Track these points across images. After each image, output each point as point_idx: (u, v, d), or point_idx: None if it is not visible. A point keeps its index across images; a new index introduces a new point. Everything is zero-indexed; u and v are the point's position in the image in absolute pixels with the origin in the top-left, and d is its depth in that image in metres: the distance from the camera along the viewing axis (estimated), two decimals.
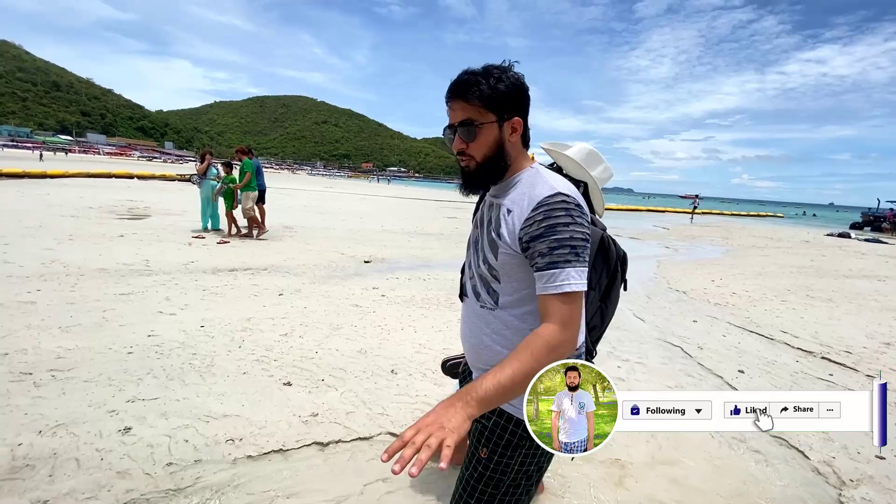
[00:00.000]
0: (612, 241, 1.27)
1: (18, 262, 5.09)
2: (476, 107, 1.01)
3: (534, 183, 1.01)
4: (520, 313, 1.06)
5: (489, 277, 1.08)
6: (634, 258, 9.68)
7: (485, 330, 1.11)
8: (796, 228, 25.33)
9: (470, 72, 1.03)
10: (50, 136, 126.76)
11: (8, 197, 10.91)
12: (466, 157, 1.05)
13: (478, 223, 1.16)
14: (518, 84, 1.04)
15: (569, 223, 0.93)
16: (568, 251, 0.92)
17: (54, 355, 2.93)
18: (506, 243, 1.01)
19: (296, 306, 4.42)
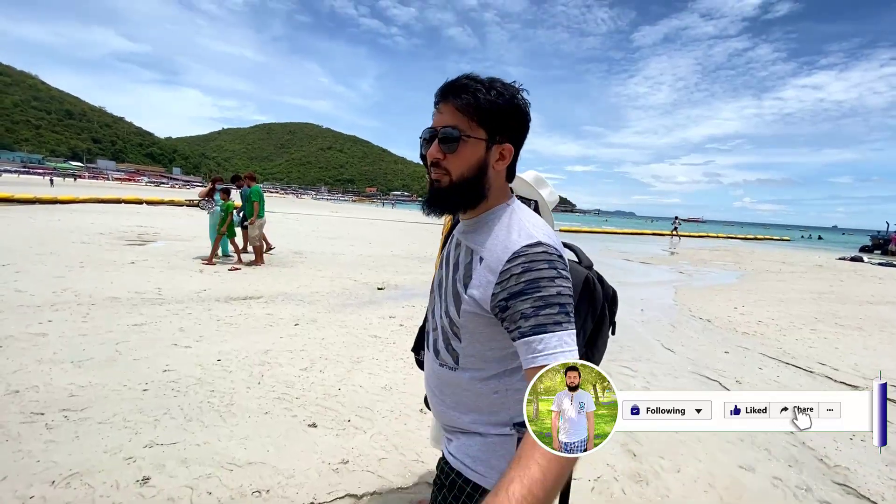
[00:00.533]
0: (599, 280, 1.12)
1: (30, 291, 4.98)
2: (467, 116, 0.85)
3: (510, 226, 0.86)
4: (482, 377, 0.91)
5: (450, 333, 0.93)
6: (649, 284, 9.53)
7: (445, 391, 0.97)
8: (806, 252, 25.08)
9: (471, 76, 0.87)
10: (61, 163, 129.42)
11: (20, 222, 10.93)
12: (440, 171, 0.88)
13: (443, 262, 0.99)
14: (520, 107, 0.89)
15: (554, 277, 0.78)
16: (557, 311, 0.76)
17: (67, 393, 2.78)
18: (472, 299, 0.85)
19: (313, 337, 4.26)
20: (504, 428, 0.91)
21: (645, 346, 4.91)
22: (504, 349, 0.88)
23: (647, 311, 6.60)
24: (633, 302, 7.29)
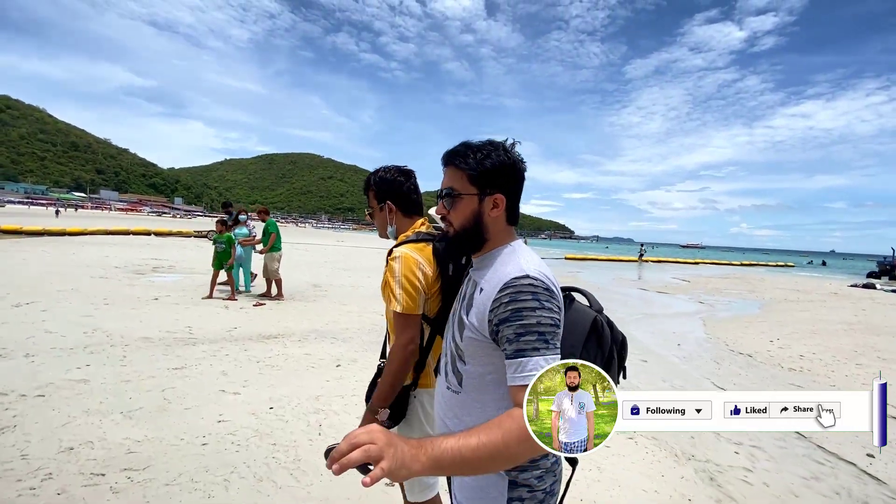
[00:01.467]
0: (608, 323, 1.13)
1: (60, 332, 4.84)
2: (460, 177, 1.02)
3: (506, 261, 0.98)
4: (482, 400, 1.00)
5: (456, 356, 1.04)
6: (675, 316, 9.38)
7: (448, 413, 1.06)
8: (814, 279, 24.98)
9: (465, 143, 1.05)
10: (64, 193, 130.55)
11: (36, 256, 10.84)
12: (447, 223, 1.06)
13: (458, 295, 1.13)
14: (506, 163, 1.02)
15: (535, 308, 0.88)
16: (535, 338, 0.86)
17: (124, 449, 2.62)
18: (472, 325, 0.97)
19: (360, 380, 4.10)
20: None
21: (695, 385, 4.75)
22: (500, 372, 0.95)
23: (685, 346, 6.44)
24: (666, 336, 7.14)
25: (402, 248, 1.52)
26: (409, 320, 1.44)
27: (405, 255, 1.48)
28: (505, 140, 1.06)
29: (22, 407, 3.06)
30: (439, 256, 1.50)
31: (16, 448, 2.55)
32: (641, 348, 6.14)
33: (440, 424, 1.11)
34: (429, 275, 1.47)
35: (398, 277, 1.45)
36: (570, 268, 22.97)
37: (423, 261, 1.48)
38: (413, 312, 1.44)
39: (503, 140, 1.06)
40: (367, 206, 1.78)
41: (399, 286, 1.44)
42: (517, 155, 1.05)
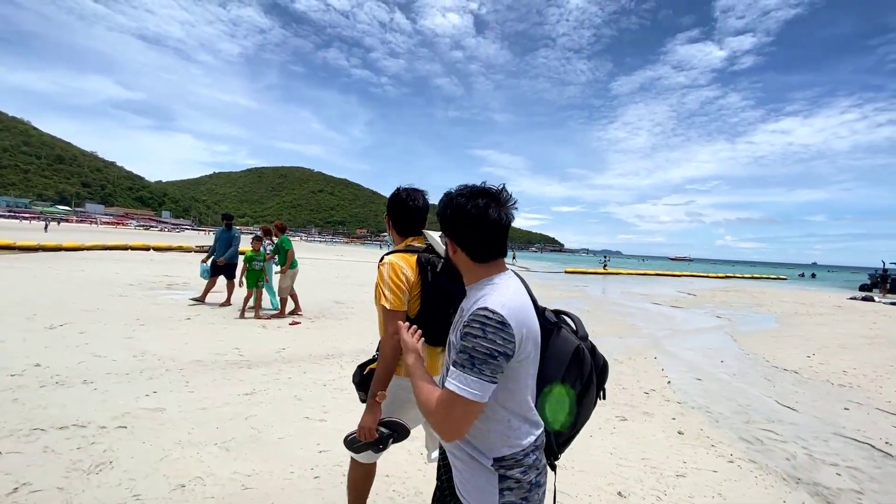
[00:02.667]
0: (590, 350, 1.27)
1: (110, 356, 4.66)
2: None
3: (479, 295, 1.13)
4: None
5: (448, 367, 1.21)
6: (701, 331, 9.42)
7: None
8: (811, 291, 25.43)
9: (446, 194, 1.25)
10: (48, 207, 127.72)
11: (43, 273, 10.52)
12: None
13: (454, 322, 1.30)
14: (446, 213, 1.18)
15: (477, 336, 1.05)
16: (466, 357, 1.05)
17: (238, 485, 2.49)
18: (454, 344, 1.15)
19: None
20: (486, 460, 1.13)
21: (760, 403, 4.73)
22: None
23: (728, 363, 6.45)
24: (704, 352, 7.15)
25: (390, 256, 1.79)
26: (395, 315, 1.69)
27: (392, 262, 1.75)
28: (501, 184, 1.20)
29: (108, 440, 2.91)
30: (422, 265, 1.76)
31: (124, 487, 2.41)
32: (689, 366, 6.12)
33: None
34: (410, 279, 1.74)
35: (386, 279, 1.72)
36: (576, 282, 23.05)
37: (407, 267, 1.75)
38: (399, 309, 1.70)
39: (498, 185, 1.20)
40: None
41: (387, 287, 1.71)
42: (462, 201, 1.16)
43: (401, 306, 1.70)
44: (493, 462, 1.12)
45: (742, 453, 3.42)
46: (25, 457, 2.63)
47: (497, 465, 1.12)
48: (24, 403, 3.36)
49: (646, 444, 3.45)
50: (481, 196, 1.16)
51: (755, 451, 3.50)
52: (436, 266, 1.76)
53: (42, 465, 2.55)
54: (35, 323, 5.76)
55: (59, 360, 4.39)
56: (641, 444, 3.47)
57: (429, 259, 1.77)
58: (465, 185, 1.21)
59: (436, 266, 1.76)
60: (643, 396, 4.67)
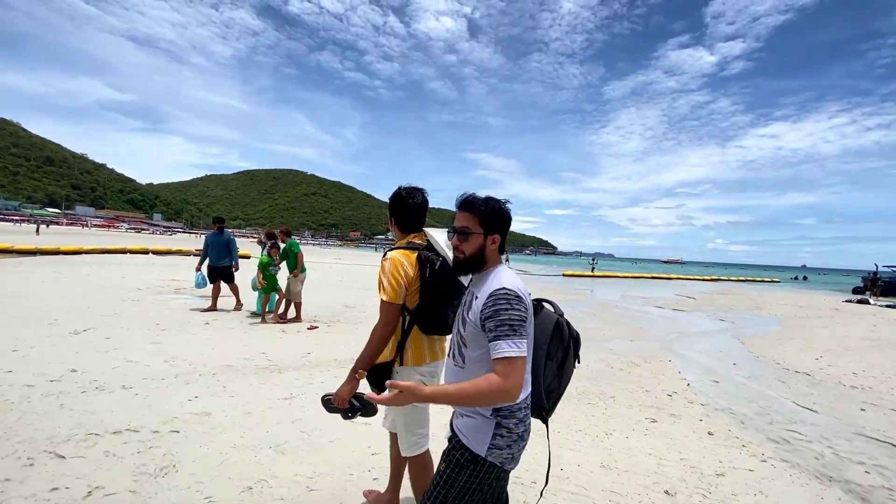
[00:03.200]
0: (567, 324, 1.55)
1: (142, 361, 4.69)
2: (473, 220, 1.47)
3: (493, 279, 1.41)
4: (476, 372, 1.39)
5: (460, 343, 1.47)
6: (707, 334, 9.58)
7: (456, 382, 1.39)
8: (806, 294, 25.84)
9: (475, 196, 1.50)
10: (38, 209, 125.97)
11: (50, 277, 10.45)
12: (458, 251, 1.50)
13: (462, 302, 1.55)
14: (504, 214, 1.49)
15: (507, 308, 1.31)
16: (506, 328, 1.29)
17: (304, 486, 2.56)
18: (471, 321, 1.40)
19: None
20: (486, 410, 1.39)
21: (780, 405, 4.87)
22: (488, 354, 1.35)
23: (741, 366, 6.60)
24: (716, 355, 7.30)
25: (393, 252, 1.94)
26: (391, 307, 1.87)
27: (394, 257, 1.91)
28: (503, 200, 1.51)
29: (165, 444, 2.96)
30: (422, 262, 1.91)
31: (194, 490, 2.47)
32: (704, 368, 6.26)
33: None
34: (410, 274, 1.89)
35: (387, 273, 1.87)
36: (575, 285, 23.24)
37: (407, 263, 1.90)
38: (395, 301, 1.86)
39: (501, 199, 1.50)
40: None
41: (387, 280, 1.86)
42: (508, 208, 1.51)
43: (397, 299, 1.87)
44: (492, 412, 1.38)
45: (773, 453, 3.55)
46: (90, 461, 2.68)
47: (495, 414, 1.38)
48: (71, 409, 3.40)
49: (680, 445, 3.57)
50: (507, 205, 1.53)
51: (784, 450, 3.63)
52: (434, 263, 1.91)
53: (108, 470, 2.61)
54: (58, 328, 5.77)
55: (94, 366, 4.42)
56: (676, 444, 3.58)
57: (428, 257, 1.93)
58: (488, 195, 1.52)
59: (434, 263, 1.91)
60: (667, 398, 4.79)
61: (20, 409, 3.32)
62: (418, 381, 1.86)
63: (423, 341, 1.98)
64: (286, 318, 7.62)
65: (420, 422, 2.05)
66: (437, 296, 1.89)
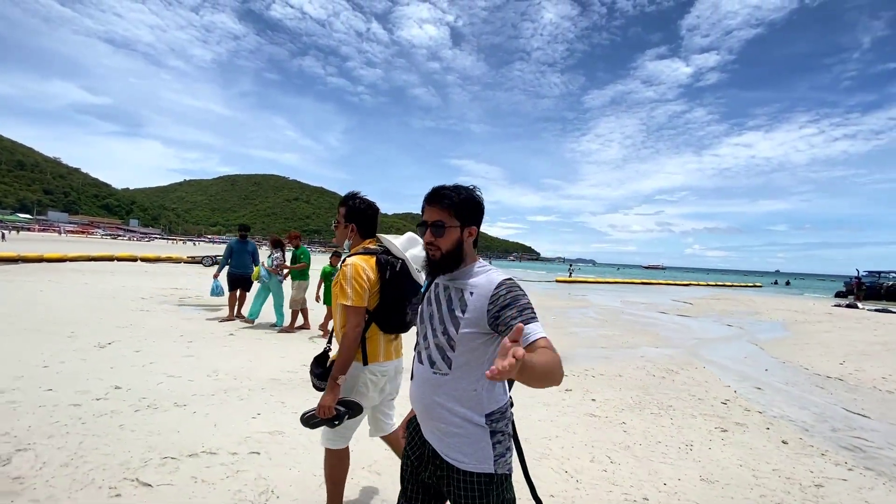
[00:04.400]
0: None
1: (184, 376, 4.45)
2: (447, 213, 1.33)
3: (487, 272, 1.32)
4: (466, 377, 1.29)
5: (446, 346, 1.32)
6: (723, 339, 9.69)
7: (436, 391, 1.32)
8: (793, 299, 26.54)
9: (445, 187, 1.37)
10: (8, 215, 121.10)
11: (50, 288, 9.95)
12: (434, 248, 1.35)
13: (430, 301, 1.41)
14: (477, 202, 1.38)
15: (524, 295, 1.25)
16: (531, 312, 1.20)
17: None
18: (469, 320, 1.27)
19: (542, 419, 3.98)
20: (480, 419, 1.28)
21: (832, 411, 4.90)
22: (483, 356, 1.28)
23: (772, 371, 6.66)
24: (745, 362, 7.35)
25: (353, 258, 2.01)
26: (357, 311, 1.92)
27: (355, 263, 1.97)
28: (471, 186, 1.40)
29: (251, 467, 2.77)
30: (381, 265, 2.00)
31: None
32: (740, 375, 6.29)
33: (428, 402, 1.34)
34: (371, 278, 1.96)
35: (349, 279, 1.93)
36: (570, 291, 23.38)
37: (368, 268, 1.97)
38: (360, 305, 1.93)
39: (469, 186, 1.39)
40: (335, 218, 2.28)
41: (349, 286, 1.92)
42: (481, 196, 1.40)
43: (361, 303, 1.93)
44: (484, 419, 1.29)
45: (853, 461, 3.53)
46: (180, 489, 2.48)
47: (488, 421, 1.29)
48: (132, 430, 3.17)
49: (763, 455, 3.52)
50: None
51: (862, 458, 3.62)
52: (395, 266, 2.02)
53: (205, 497, 2.42)
54: (80, 341, 5.45)
55: (136, 382, 4.16)
56: (759, 455, 3.53)
57: (388, 260, 2.03)
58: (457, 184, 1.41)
59: (395, 266, 2.02)
60: (722, 407, 4.76)
61: (78, 433, 3.07)
62: (369, 381, 2.03)
63: (380, 340, 2.06)
64: (293, 328, 7.36)
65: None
66: (398, 296, 2.00)
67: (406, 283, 2.03)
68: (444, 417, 1.31)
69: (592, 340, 8.39)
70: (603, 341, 8.35)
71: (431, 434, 1.37)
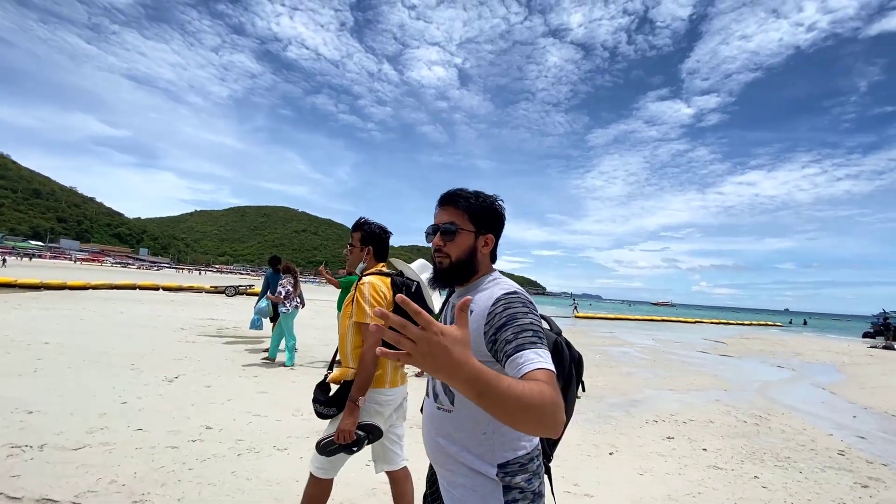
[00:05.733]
0: (567, 344, 1.29)
1: (271, 416, 4.19)
2: (460, 215, 1.17)
3: (493, 286, 1.10)
4: (473, 417, 1.07)
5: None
6: (784, 382, 9.24)
7: (440, 431, 1.13)
8: (823, 339, 25.77)
9: (463, 189, 1.21)
10: (20, 241, 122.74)
11: (88, 316, 9.78)
12: (442, 255, 1.17)
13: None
14: (498, 210, 1.21)
15: (526, 313, 0.99)
16: (530, 335, 0.94)
17: None
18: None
19: (674, 467, 3.65)
20: (491, 469, 1.04)
21: None
22: None
23: (860, 417, 6.25)
24: (824, 407, 6.95)
25: (369, 278, 2.03)
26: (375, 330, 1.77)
27: (372, 282, 1.99)
28: (493, 195, 1.24)
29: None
30: (396, 286, 2.02)
31: None
32: (833, 423, 5.88)
33: (432, 444, 1.16)
34: (387, 296, 1.97)
35: (367, 297, 1.93)
36: (595, 327, 22.89)
37: (383, 286, 2.00)
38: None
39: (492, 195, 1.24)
40: (350, 242, 2.28)
41: (367, 303, 1.92)
42: (502, 205, 1.24)
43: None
44: (497, 470, 1.05)
45: None
46: None
47: (502, 473, 1.05)
48: (248, 478, 2.91)
49: None
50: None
51: None
52: (410, 287, 2.02)
53: None
54: (146, 375, 5.22)
55: (224, 422, 3.91)
56: None
57: (403, 282, 2.04)
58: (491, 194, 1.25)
59: (410, 287, 2.02)
60: (843, 459, 4.39)
61: (190, 480, 2.81)
62: (375, 410, 1.95)
63: (388, 366, 2.00)
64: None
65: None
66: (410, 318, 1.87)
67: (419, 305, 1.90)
68: (447, 464, 1.11)
69: (656, 382, 8.00)
70: (667, 383, 7.96)
71: (440, 481, 1.16)
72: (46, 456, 2.95)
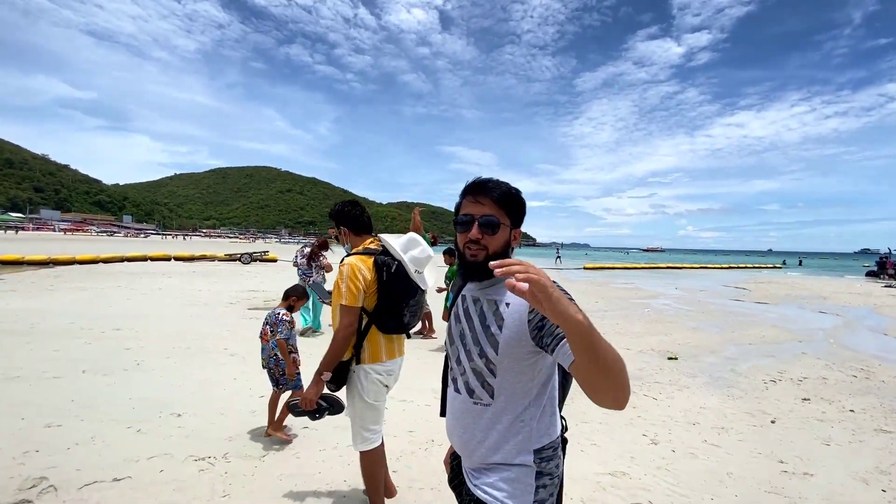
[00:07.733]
0: None
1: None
2: (502, 209, 1.14)
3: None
4: (511, 408, 1.08)
5: (485, 371, 1.11)
6: (847, 327, 9.30)
7: (478, 424, 1.12)
8: (832, 279, 26.30)
9: (493, 179, 1.18)
10: (1, 214, 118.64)
11: (128, 294, 9.38)
12: (479, 247, 1.13)
13: (460, 318, 1.20)
14: (524, 204, 1.21)
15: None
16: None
17: None
18: (508, 337, 1.06)
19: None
20: (527, 457, 1.08)
21: None
22: (531, 381, 1.08)
23: None
24: None
25: (350, 258, 2.05)
26: (351, 310, 1.96)
27: (352, 263, 2.00)
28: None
29: None
30: (378, 266, 2.03)
31: None
32: None
33: (468, 438, 1.15)
34: (367, 278, 1.99)
35: (345, 278, 1.97)
36: (611, 279, 23.04)
37: (364, 268, 2.01)
38: (354, 305, 1.96)
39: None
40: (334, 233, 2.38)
41: (345, 285, 1.96)
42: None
43: (356, 303, 1.96)
44: (533, 457, 1.09)
45: None
46: None
47: (538, 459, 1.09)
48: None
49: None
50: None
51: None
52: (391, 267, 2.03)
53: None
54: (239, 361, 4.95)
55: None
56: None
57: (385, 261, 2.04)
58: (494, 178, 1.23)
59: (391, 267, 2.03)
60: None
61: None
62: (376, 380, 2.05)
63: (380, 340, 2.05)
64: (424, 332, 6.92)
65: (375, 419, 2.11)
66: (395, 297, 2.02)
67: (401, 285, 2.03)
68: (486, 456, 1.12)
69: (729, 337, 7.96)
70: (739, 337, 7.94)
71: (469, 471, 1.17)
72: (239, 468, 2.70)
